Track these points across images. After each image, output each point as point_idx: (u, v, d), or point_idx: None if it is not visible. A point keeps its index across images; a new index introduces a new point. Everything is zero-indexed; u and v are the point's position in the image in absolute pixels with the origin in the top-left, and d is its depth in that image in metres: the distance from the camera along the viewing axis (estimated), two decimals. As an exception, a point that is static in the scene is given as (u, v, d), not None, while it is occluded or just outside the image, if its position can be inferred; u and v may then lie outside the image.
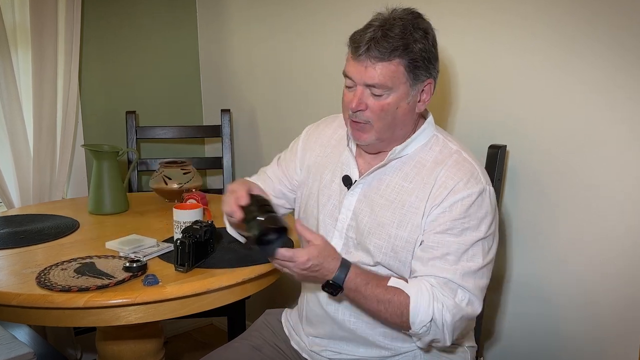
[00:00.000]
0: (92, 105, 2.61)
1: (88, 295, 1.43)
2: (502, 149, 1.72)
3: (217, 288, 1.53)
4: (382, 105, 1.35)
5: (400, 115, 1.37)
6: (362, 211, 1.44)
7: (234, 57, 2.73)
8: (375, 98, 1.35)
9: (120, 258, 1.66)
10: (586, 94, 1.58)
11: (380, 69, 1.32)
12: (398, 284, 1.34)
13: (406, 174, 1.42)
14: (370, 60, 1.32)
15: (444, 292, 1.33)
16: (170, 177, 2.29)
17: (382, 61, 1.31)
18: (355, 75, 1.35)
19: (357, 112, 1.37)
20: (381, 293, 1.33)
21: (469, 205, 1.34)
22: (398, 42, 1.31)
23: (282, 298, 2.64)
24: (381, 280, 1.35)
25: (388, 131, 1.39)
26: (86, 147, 2.22)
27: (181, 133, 2.68)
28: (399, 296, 1.33)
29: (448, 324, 1.32)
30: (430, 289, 1.33)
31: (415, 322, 1.32)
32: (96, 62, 2.61)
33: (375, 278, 1.35)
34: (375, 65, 1.32)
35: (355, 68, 1.34)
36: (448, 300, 1.33)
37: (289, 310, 1.71)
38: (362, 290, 1.33)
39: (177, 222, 1.75)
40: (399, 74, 1.33)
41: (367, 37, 1.32)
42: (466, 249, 1.34)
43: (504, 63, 1.74)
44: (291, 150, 1.66)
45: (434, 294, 1.33)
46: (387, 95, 1.34)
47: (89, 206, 2.15)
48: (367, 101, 1.36)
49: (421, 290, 1.32)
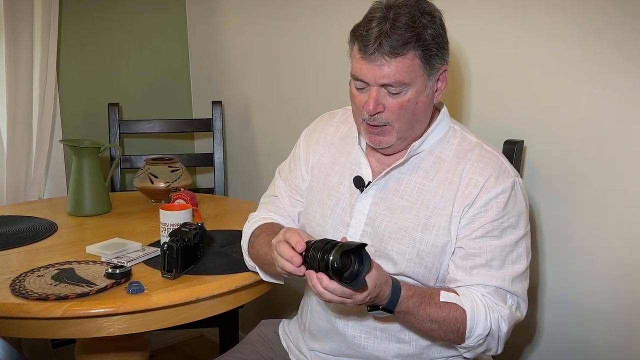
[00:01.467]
0: (71, 97, 2.61)
1: (67, 304, 1.43)
2: (519, 144, 1.72)
3: (207, 296, 1.53)
4: (401, 103, 1.34)
5: (420, 110, 1.37)
6: (380, 215, 1.43)
7: (227, 44, 2.73)
8: (393, 97, 1.34)
9: (102, 264, 1.66)
10: (610, 85, 1.57)
11: (395, 65, 1.31)
12: (449, 297, 1.35)
13: (426, 171, 1.42)
14: (383, 57, 1.30)
15: (497, 300, 1.36)
16: (156, 175, 2.29)
17: (397, 56, 1.30)
18: (367, 76, 1.33)
19: (375, 115, 1.36)
20: (435, 311, 1.33)
21: (505, 202, 1.36)
22: (409, 33, 1.30)
23: (280, 307, 2.64)
24: (432, 296, 1.34)
25: (409, 129, 1.39)
26: (65, 143, 2.22)
27: (168, 127, 2.67)
28: (454, 312, 1.34)
29: (504, 333, 1.36)
30: (482, 299, 1.35)
31: (472, 337, 1.34)
32: (76, 49, 2.60)
33: (426, 296, 1.34)
34: (389, 63, 1.30)
35: (366, 68, 1.32)
36: (503, 310, 1.36)
37: (288, 321, 1.70)
38: (415, 312, 1.32)
39: (164, 224, 1.75)
40: (415, 67, 1.32)
41: (374, 32, 1.30)
42: (510, 251, 1.37)
43: (520, 52, 1.74)
44: (293, 156, 1.63)
45: (488, 304, 1.35)
46: (405, 91, 1.34)
47: (68, 207, 2.15)
48: (384, 101, 1.35)
49: (476, 302, 1.34)
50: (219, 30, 2.75)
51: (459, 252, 1.39)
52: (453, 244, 1.39)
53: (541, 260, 1.78)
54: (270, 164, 2.54)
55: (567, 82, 1.65)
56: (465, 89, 1.87)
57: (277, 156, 1.69)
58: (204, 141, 2.92)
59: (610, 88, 1.57)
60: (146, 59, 2.80)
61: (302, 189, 1.58)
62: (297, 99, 2.46)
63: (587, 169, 1.65)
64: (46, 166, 2.49)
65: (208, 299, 1.54)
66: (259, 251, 1.50)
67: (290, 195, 1.60)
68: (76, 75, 2.62)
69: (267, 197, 1.65)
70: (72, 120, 2.61)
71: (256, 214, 1.62)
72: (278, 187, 1.62)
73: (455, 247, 1.39)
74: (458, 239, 1.39)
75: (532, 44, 1.70)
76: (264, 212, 1.61)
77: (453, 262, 1.39)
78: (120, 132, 2.61)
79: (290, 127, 2.43)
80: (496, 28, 1.78)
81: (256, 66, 2.61)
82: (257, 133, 2.68)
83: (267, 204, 1.63)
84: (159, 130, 2.67)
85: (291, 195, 1.60)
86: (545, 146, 1.72)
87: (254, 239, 1.53)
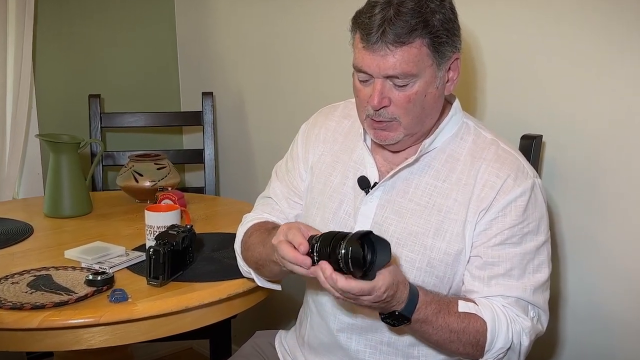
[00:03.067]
0: (48, 87, 2.60)
1: (44, 314, 1.42)
2: (537, 139, 1.72)
3: (197, 305, 1.53)
4: (409, 96, 1.34)
5: (429, 104, 1.37)
6: (387, 219, 1.43)
7: (218, 29, 2.73)
8: (399, 89, 1.33)
9: (81, 270, 1.66)
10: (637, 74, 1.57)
11: (400, 55, 1.30)
12: (469, 308, 1.35)
13: (437, 171, 1.42)
14: (387, 46, 1.30)
15: (518, 311, 1.37)
16: (141, 173, 2.29)
17: (402, 45, 1.29)
18: (371, 68, 1.32)
19: (380, 109, 1.35)
20: (454, 321, 1.33)
21: (525, 206, 1.36)
22: (415, 19, 1.29)
23: (276, 317, 2.64)
24: (451, 305, 1.34)
25: (418, 124, 1.38)
26: (41, 138, 2.22)
27: (155, 120, 2.67)
28: (474, 323, 1.34)
29: (525, 347, 1.37)
30: (504, 310, 1.36)
31: (492, 350, 1.34)
32: (54, 35, 2.60)
33: (444, 304, 1.34)
34: (394, 52, 1.30)
35: (369, 59, 1.32)
36: (525, 322, 1.36)
37: (285, 333, 1.70)
38: (433, 321, 1.32)
39: (150, 226, 1.75)
40: (423, 56, 1.32)
41: (377, 20, 1.29)
42: (531, 259, 1.37)
43: (538, 38, 1.73)
44: (290, 155, 1.63)
45: (510, 316, 1.36)
46: (413, 83, 1.33)
47: (45, 208, 2.15)
48: (390, 95, 1.34)
49: (497, 314, 1.35)
50: (209, 15, 2.75)
51: (476, 261, 1.39)
52: (468, 251, 1.39)
53: (562, 267, 1.77)
54: (267, 160, 2.54)
55: (591, 71, 1.65)
56: (479, 80, 1.87)
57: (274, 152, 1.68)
58: (193, 136, 2.92)
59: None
60: (130, 46, 2.80)
61: (301, 190, 1.58)
62: (295, 89, 2.46)
63: (611, 166, 1.64)
64: (21, 163, 2.49)
65: (198, 308, 1.54)
66: (253, 252, 1.49)
67: (287, 197, 1.59)
68: (54, 64, 2.62)
69: (263, 198, 1.65)
70: (49, 113, 2.60)
71: (250, 215, 1.62)
72: (274, 188, 1.62)
73: (470, 256, 1.39)
74: (474, 246, 1.38)
75: (552, 29, 1.70)
76: (258, 212, 1.61)
77: (469, 272, 1.39)
78: (101, 126, 2.60)
79: (289, 119, 2.43)
80: (513, 12, 1.77)
81: (250, 54, 2.61)
82: (251, 127, 2.68)
83: (262, 205, 1.63)
84: (144, 124, 2.67)
85: (289, 197, 1.59)
86: (566, 141, 1.72)
87: (247, 238, 1.53)
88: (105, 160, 2.63)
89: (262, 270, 1.50)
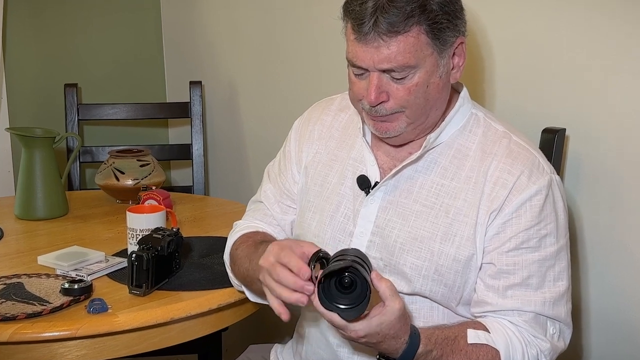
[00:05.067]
0: (20, 76, 2.60)
1: (15, 327, 1.42)
2: (560, 133, 1.72)
3: (184, 317, 1.53)
4: (409, 89, 1.33)
5: (433, 94, 1.36)
6: (390, 222, 1.43)
7: (207, 13, 2.73)
8: (398, 82, 1.33)
9: (57, 277, 1.66)
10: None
11: (396, 45, 1.29)
12: (479, 338, 1.33)
13: (444, 168, 1.42)
14: (380, 37, 1.29)
15: (535, 331, 1.36)
16: (122, 170, 2.29)
17: (397, 35, 1.29)
18: (365, 61, 1.32)
19: (377, 105, 1.35)
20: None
21: (541, 205, 1.36)
22: (411, 5, 1.28)
23: (270, 330, 2.64)
24: (457, 341, 1.32)
25: (422, 116, 1.38)
26: (12, 131, 2.22)
27: (137, 112, 2.67)
28: (484, 356, 1.32)
29: None
30: (518, 333, 1.35)
31: None
32: (26, 18, 2.60)
33: (449, 343, 1.32)
34: (388, 43, 1.29)
35: (362, 51, 1.31)
36: (543, 343, 1.36)
37: (281, 347, 1.70)
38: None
39: (132, 229, 1.75)
40: (422, 45, 1.31)
41: (369, 7, 1.28)
42: (551, 266, 1.37)
43: (558, 22, 1.73)
44: (283, 154, 1.62)
45: (525, 338, 1.35)
46: (412, 75, 1.33)
47: (16, 209, 2.15)
48: (388, 89, 1.34)
49: (510, 340, 1.34)
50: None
51: (489, 268, 1.38)
52: (479, 257, 1.39)
53: (583, 273, 1.78)
54: (261, 157, 2.55)
55: (620, 58, 1.64)
56: (487, 68, 1.86)
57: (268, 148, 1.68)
58: (180, 129, 2.92)
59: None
60: (111, 31, 2.80)
61: (294, 192, 1.58)
62: (293, 78, 2.46)
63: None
64: (-10, 160, 2.50)
65: (185, 319, 1.54)
66: (240, 267, 1.49)
67: (279, 200, 1.59)
68: (26, 50, 2.62)
69: (254, 202, 1.65)
70: (20, 104, 2.61)
71: (240, 223, 1.62)
72: (265, 191, 1.62)
73: (483, 263, 1.39)
74: (486, 252, 1.38)
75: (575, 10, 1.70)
76: (248, 220, 1.61)
77: (482, 280, 1.39)
78: (79, 119, 2.60)
79: (285, 111, 2.43)
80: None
81: (243, 39, 2.61)
82: (244, 120, 2.68)
83: (253, 210, 1.63)
84: (125, 117, 2.67)
85: (281, 200, 1.59)
86: (593, 135, 1.72)
87: (234, 251, 1.53)
88: (83, 157, 2.62)
89: (251, 286, 1.51)
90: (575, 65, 1.73)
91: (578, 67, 1.72)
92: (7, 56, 2.55)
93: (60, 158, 2.49)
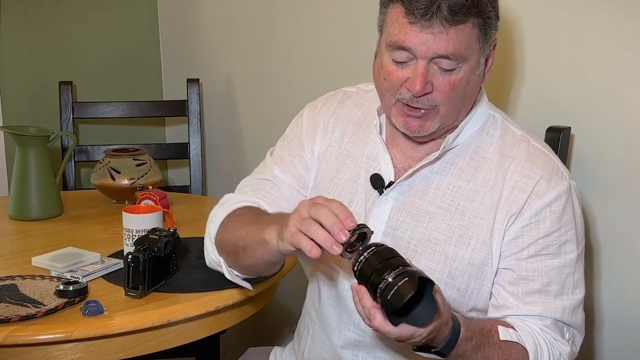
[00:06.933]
0: (13, 74, 2.60)
1: (8, 329, 1.42)
2: (565, 131, 1.72)
3: (181, 319, 1.53)
4: (453, 83, 1.33)
5: (470, 92, 1.38)
6: (403, 223, 1.43)
7: (205, 9, 2.72)
8: (444, 74, 1.33)
9: (51, 279, 1.65)
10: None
11: (455, 33, 1.29)
12: (510, 335, 1.35)
13: (461, 170, 1.42)
14: (441, 23, 1.28)
15: (555, 335, 1.39)
16: (118, 170, 2.29)
17: (457, 24, 1.29)
18: (418, 47, 1.30)
19: (421, 96, 1.34)
20: (494, 354, 1.33)
21: (561, 211, 1.37)
22: None
23: (270, 332, 2.64)
24: (491, 335, 1.34)
25: (454, 115, 1.39)
26: (5, 130, 2.21)
27: (133, 111, 2.67)
28: (515, 353, 1.34)
29: None
30: (543, 335, 1.37)
31: None
32: (19, 14, 2.60)
33: (485, 335, 1.33)
34: (448, 30, 1.29)
35: (417, 36, 1.30)
36: (564, 347, 1.39)
37: (281, 349, 1.70)
38: (471, 356, 1.32)
39: (128, 230, 1.75)
40: (474, 38, 1.32)
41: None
42: (570, 273, 1.38)
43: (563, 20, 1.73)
44: (292, 136, 1.58)
45: (549, 340, 1.38)
46: (459, 68, 1.33)
47: (10, 209, 2.15)
48: (433, 80, 1.33)
49: (538, 341, 1.36)
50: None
51: (507, 274, 1.39)
52: (495, 262, 1.39)
53: (596, 276, 1.78)
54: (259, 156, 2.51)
55: (625, 56, 1.64)
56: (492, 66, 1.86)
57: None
58: (177, 128, 2.92)
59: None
60: (106, 28, 2.80)
61: (305, 179, 1.54)
62: (292, 75, 2.46)
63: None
64: (-17, 159, 2.49)
65: (182, 322, 1.53)
66: (233, 234, 1.40)
67: (296, 188, 1.53)
68: (20, 48, 2.61)
69: (254, 179, 1.57)
70: (14, 102, 2.60)
71: (234, 196, 1.53)
72: (273, 171, 1.54)
73: (500, 268, 1.39)
74: (503, 256, 1.38)
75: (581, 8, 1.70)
76: (247, 195, 1.52)
77: (501, 286, 1.40)
78: (74, 117, 2.60)
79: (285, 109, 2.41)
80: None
81: (241, 36, 2.61)
82: (243, 118, 2.68)
83: (253, 187, 1.55)
84: (121, 115, 2.67)
85: (297, 189, 1.54)
86: (599, 134, 1.72)
87: (229, 219, 1.45)
88: (78, 156, 2.62)
89: (238, 255, 1.40)
90: (579, 64, 1.73)
91: (582, 65, 1.72)
92: (0, 53, 2.55)
93: (55, 157, 2.49)
